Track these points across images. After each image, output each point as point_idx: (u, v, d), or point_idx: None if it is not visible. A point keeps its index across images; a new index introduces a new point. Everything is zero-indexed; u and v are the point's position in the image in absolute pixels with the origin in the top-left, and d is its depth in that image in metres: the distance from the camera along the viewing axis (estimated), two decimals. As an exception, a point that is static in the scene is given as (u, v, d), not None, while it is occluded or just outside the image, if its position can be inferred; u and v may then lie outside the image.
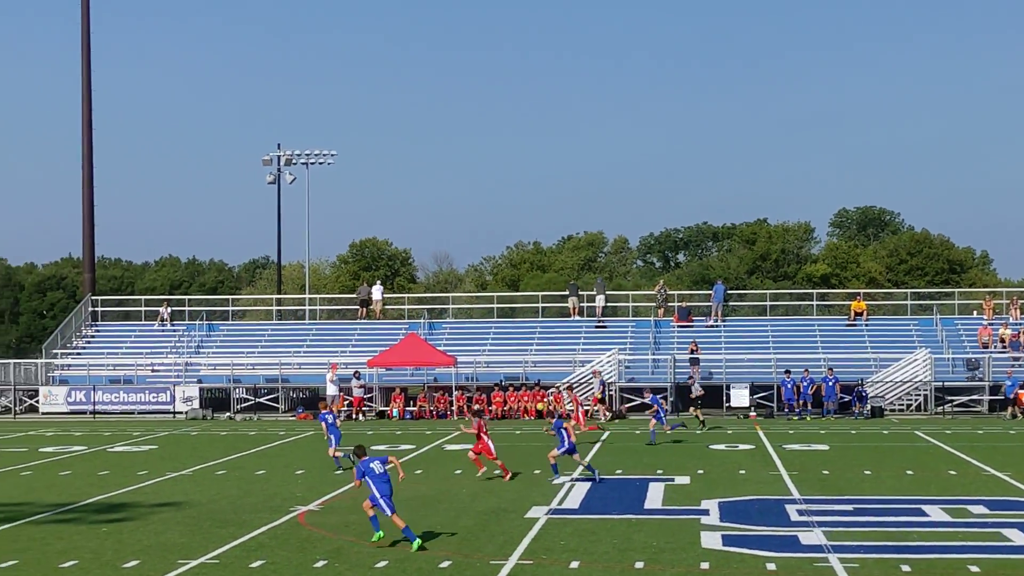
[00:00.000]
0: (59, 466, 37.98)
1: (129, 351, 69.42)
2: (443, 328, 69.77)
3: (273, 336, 70.76)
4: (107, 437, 48.88)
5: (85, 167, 75.50)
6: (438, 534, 23.89)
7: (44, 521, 26.27)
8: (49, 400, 63.80)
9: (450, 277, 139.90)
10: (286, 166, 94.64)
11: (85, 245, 76.83)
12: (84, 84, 75.31)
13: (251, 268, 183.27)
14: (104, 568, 20.82)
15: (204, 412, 61.35)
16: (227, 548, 22.61)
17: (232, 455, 40.99)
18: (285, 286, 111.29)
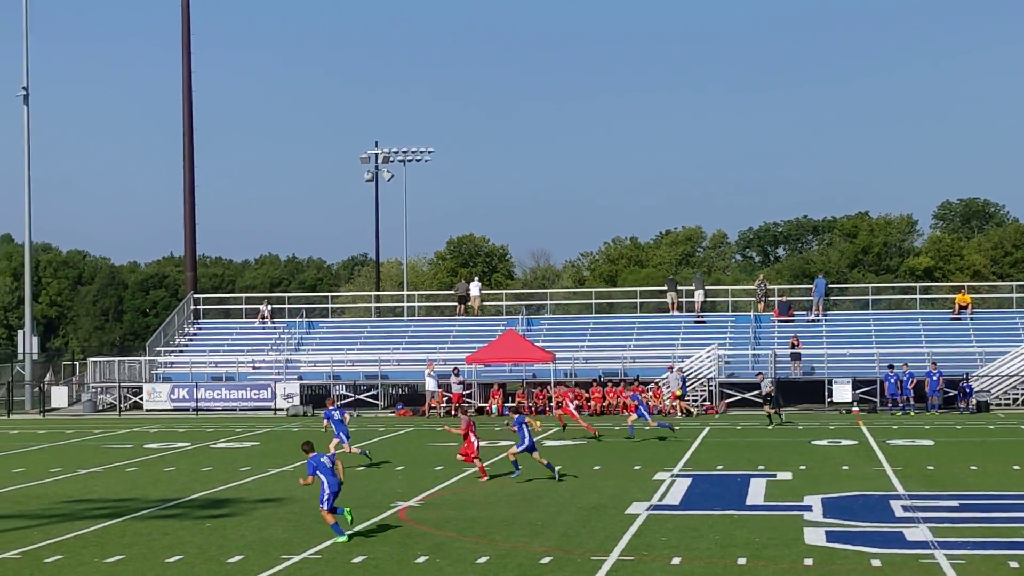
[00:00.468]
0: (163, 462, 38.42)
1: (230, 348, 70.11)
2: (541, 324, 69.73)
3: (372, 333, 71.11)
4: (210, 433, 49.39)
5: (187, 167, 76.37)
6: (539, 530, 23.84)
7: (149, 516, 26.57)
8: (153, 397, 64.61)
9: (547, 273, 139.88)
10: (384, 164, 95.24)
11: (187, 244, 77.73)
12: (185, 85, 76.17)
13: (349, 265, 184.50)
14: (209, 563, 21.00)
15: (305, 409, 61.81)
16: (329, 544, 22.70)
17: (333, 452, 41.15)
18: (383, 283, 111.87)
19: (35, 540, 23.50)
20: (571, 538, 22.97)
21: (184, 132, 76.29)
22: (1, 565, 21.05)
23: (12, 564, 21.19)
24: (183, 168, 76.49)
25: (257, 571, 20.24)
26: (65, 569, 20.66)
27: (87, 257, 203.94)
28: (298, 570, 20.39)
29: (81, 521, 25.91)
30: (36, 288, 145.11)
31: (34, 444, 46.20)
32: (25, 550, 22.45)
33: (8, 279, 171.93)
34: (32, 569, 20.71)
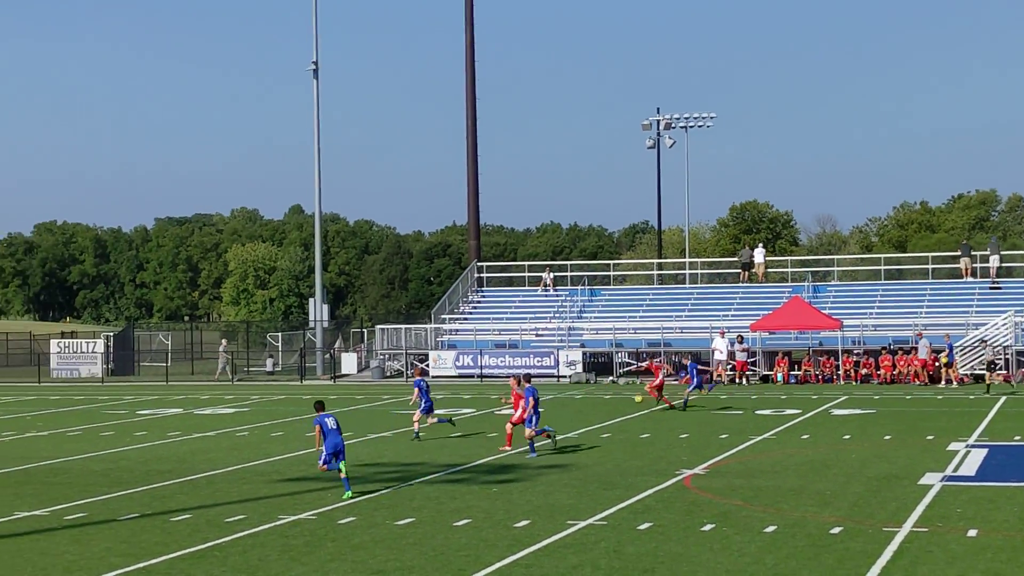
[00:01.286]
0: (446, 427, 38.95)
1: (513, 316, 70.80)
2: (827, 291, 68.30)
3: (654, 300, 70.85)
4: (494, 400, 49.90)
5: (469, 137, 77.37)
6: (828, 499, 23.27)
7: (437, 481, 26.94)
8: (439, 364, 65.77)
9: (833, 239, 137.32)
10: (665, 130, 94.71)
11: (470, 213, 78.80)
12: (468, 55, 77.11)
13: (631, 233, 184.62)
14: (496, 527, 21.14)
15: (587, 376, 61.98)
16: (614, 510, 22.61)
17: (616, 418, 41.17)
18: (665, 250, 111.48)
19: (329, 502, 24.08)
20: (861, 508, 22.35)
21: (467, 102, 77.28)
22: (297, 526, 21.62)
23: (308, 524, 21.74)
24: (466, 138, 77.52)
25: (544, 536, 20.27)
26: (358, 530, 21.08)
27: (374, 227, 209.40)
28: (584, 535, 20.34)
29: (372, 484, 26.45)
30: (325, 258, 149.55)
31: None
32: (320, 511, 23.02)
33: (299, 249, 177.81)
34: (327, 530, 21.21)
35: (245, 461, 31.10)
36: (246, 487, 26.50)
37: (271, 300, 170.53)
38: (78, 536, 21.11)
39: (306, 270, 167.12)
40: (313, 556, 19.12)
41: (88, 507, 24.18)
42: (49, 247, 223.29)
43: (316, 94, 73.95)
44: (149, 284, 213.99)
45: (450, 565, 18.30)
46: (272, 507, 23.66)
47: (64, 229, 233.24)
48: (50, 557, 19.38)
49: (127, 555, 19.40)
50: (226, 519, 22.39)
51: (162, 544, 20.25)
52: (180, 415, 46.03)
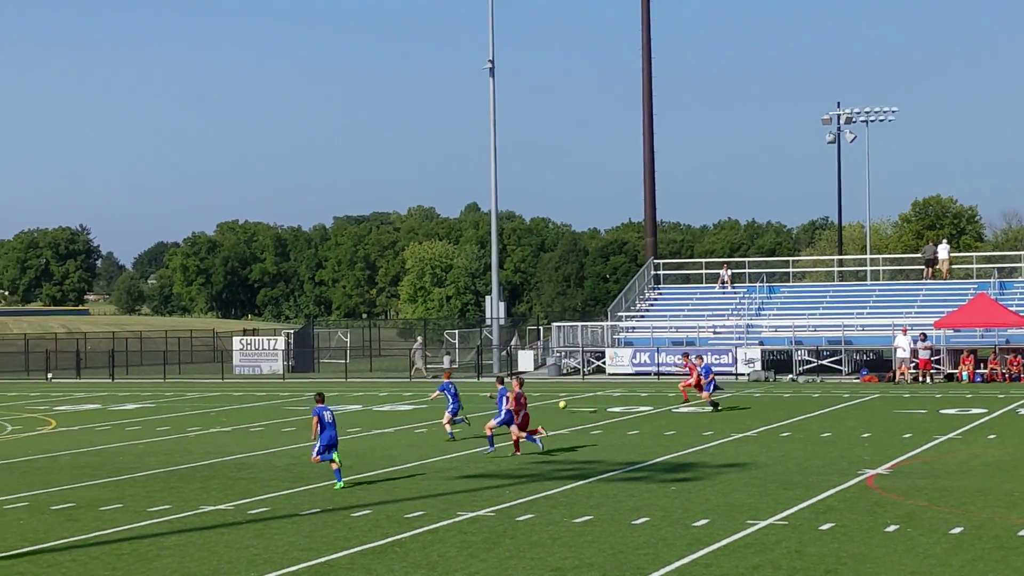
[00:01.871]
0: (627, 425, 38.85)
1: (690, 314, 70.32)
2: (1015, 288, 66.49)
3: (835, 298, 69.76)
4: (671, 398, 49.61)
5: (646, 133, 77.03)
6: (1016, 501, 22.61)
7: (615, 479, 26.82)
8: (615, 361, 65.59)
9: (1020, 235, 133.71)
10: (846, 124, 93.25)
11: (647, 210, 78.46)
12: (644, 50, 76.79)
13: (810, 229, 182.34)
14: (675, 526, 20.96)
15: (766, 374, 61.26)
16: (795, 510, 22.27)
17: (796, 417, 40.62)
18: (845, 247, 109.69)
19: (507, 499, 24.13)
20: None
21: (643, 98, 76.95)
22: (476, 522, 21.70)
23: (487, 521, 21.80)
24: (642, 134, 77.20)
25: (723, 535, 20.04)
26: (536, 528, 21.07)
27: (550, 225, 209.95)
28: (764, 535, 20.05)
29: (550, 481, 26.45)
30: (502, 255, 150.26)
31: (503, 406, 47.61)
32: (498, 508, 23.07)
33: (475, 247, 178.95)
34: (505, 527, 21.24)
35: (423, 458, 31.35)
36: (425, 483, 26.70)
37: (448, 298, 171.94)
38: (262, 530, 21.46)
39: (482, 268, 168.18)
40: (491, 553, 19.15)
41: (271, 502, 24.58)
42: (231, 246, 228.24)
43: (492, 92, 74.30)
44: (328, 282, 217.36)
45: (629, 563, 18.18)
46: (451, 503, 23.79)
47: (246, 228, 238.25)
48: (235, 550, 19.73)
49: (309, 549, 19.66)
50: (405, 515, 22.57)
51: (343, 539, 20.47)
52: (359, 412, 46.60)
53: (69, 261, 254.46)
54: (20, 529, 22.09)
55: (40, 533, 21.64)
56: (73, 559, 19.37)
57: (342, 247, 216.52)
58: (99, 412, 48.28)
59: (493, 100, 74.34)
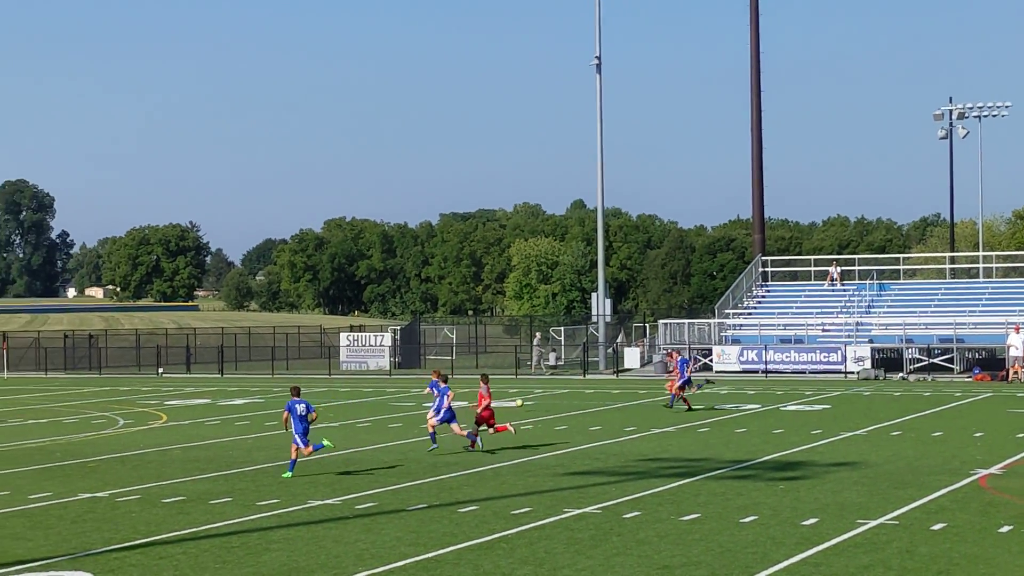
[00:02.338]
0: (734, 423, 38.56)
1: (799, 311, 69.68)
2: None
3: (946, 295, 68.76)
4: (779, 396, 49.22)
5: (754, 130, 76.44)
6: None
7: (723, 477, 26.62)
8: (722, 359, 65.15)
9: None
10: (958, 120, 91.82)
11: (754, 207, 77.85)
12: (752, 48, 76.17)
13: (920, 226, 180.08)
14: (784, 525, 20.75)
15: (876, 372, 60.50)
16: (906, 509, 21.95)
17: (906, 416, 40.08)
18: (957, 244, 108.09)
19: (613, 496, 24.04)
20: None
21: (752, 94, 76.36)
22: (583, 519, 21.63)
23: (593, 518, 21.73)
24: (750, 131, 76.61)
25: (833, 534, 19.80)
26: (643, 525, 20.96)
27: (656, 222, 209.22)
28: (875, 535, 19.78)
29: (657, 479, 26.31)
30: (608, 252, 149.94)
31: (609, 403, 47.57)
32: (605, 505, 23.00)
33: (581, 244, 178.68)
34: (612, 524, 21.15)
35: (529, 454, 31.34)
36: (531, 480, 26.68)
37: (553, 295, 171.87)
38: (369, 525, 21.56)
39: (588, 265, 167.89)
40: (599, 550, 19.08)
41: (378, 497, 24.70)
42: (338, 243, 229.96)
43: (599, 89, 74.09)
44: (434, 279, 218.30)
45: (737, 562, 18.03)
46: (557, 500, 23.75)
47: (353, 225, 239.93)
48: (343, 545, 19.84)
49: (416, 544, 19.72)
50: (512, 511, 22.56)
51: (450, 535, 20.51)
52: (465, 408, 46.69)
53: (179, 258, 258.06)
54: (132, 521, 22.39)
55: (152, 526, 21.92)
56: (184, 551, 19.60)
57: (448, 244, 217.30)
58: (209, 407, 48.87)
59: (600, 96, 74.14)
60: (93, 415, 45.84)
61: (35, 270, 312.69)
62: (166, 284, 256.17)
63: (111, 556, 19.32)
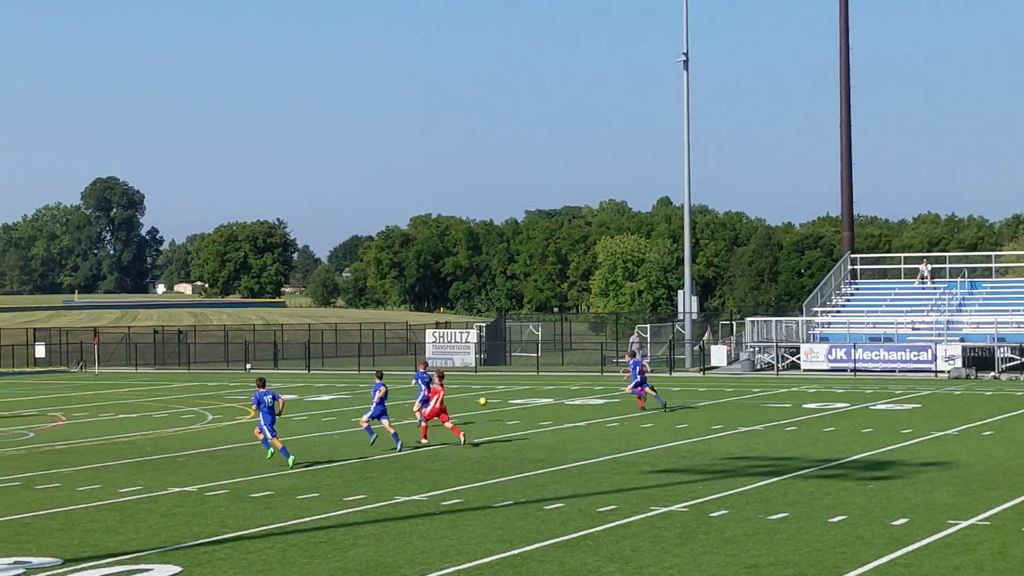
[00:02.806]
0: (823, 422, 38.22)
1: (888, 309, 68.95)
2: None
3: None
4: (868, 395, 48.72)
5: (843, 126, 75.72)
6: None
7: (811, 476, 26.38)
8: (810, 357, 64.59)
9: None
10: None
11: (843, 204, 77.12)
12: (841, 43, 75.47)
13: (1013, 223, 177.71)
14: (873, 524, 20.52)
15: (967, 371, 59.71)
16: (998, 510, 21.65)
17: (998, 415, 39.53)
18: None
19: (701, 494, 23.90)
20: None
21: (841, 89, 75.66)
22: (669, 517, 21.52)
23: (680, 516, 21.61)
24: (839, 127, 75.91)
25: (923, 535, 19.56)
26: (730, 524, 20.81)
27: (743, 219, 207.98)
28: (966, 536, 19.52)
29: (744, 478, 26.13)
30: (694, 249, 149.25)
31: (695, 401, 47.32)
32: (692, 503, 22.87)
33: (667, 241, 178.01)
34: (698, 522, 21.02)
35: (616, 452, 31.24)
36: (617, 477, 26.59)
37: (639, 292, 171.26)
38: (455, 521, 21.58)
39: (674, 262, 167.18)
40: (685, 548, 18.97)
41: (464, 493, 24.72)
42: (424, 240, 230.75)
43: (686, 85, 73.77)
44: (519, 276, 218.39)
45: (825, 562, 17.85)
46: (643, 498, 23.65)
47: (439, 222, 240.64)
48: (430, 541, 19.87)
49: (502, 541, 19.70)
50: (598, 508, 22.49)
51: (536, 531, 20.48)
52: (551, 405, 46.70)
53: (267, 254, 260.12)
54: (221, 516, 22.58)
55: (240, 520, 22.09)
56: (272, 546, 19.72)
57: (534, 241, 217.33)
58: (296, 403, 49.17)
59: (687, 93, 73.81)
60: (182, 410, 46.33)
61: (125, 266, 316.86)
62: (254, 280, 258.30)
63: (200, 550, 19.49)
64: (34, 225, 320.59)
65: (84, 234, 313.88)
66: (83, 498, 24.84)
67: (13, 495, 25.43)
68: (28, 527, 21.78)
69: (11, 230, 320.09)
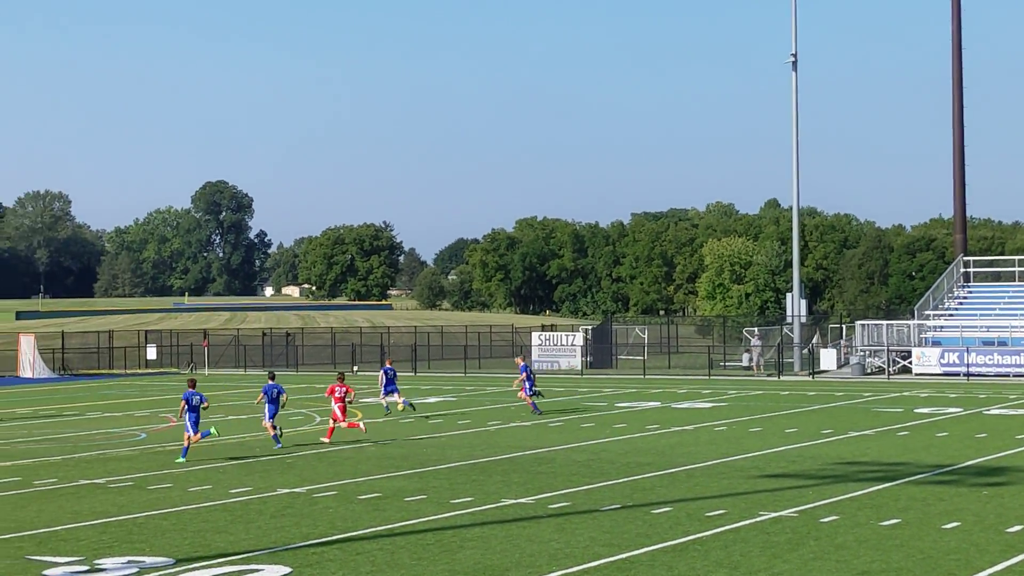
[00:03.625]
0: (935, 427, 37.67)
1: (1002, 313, 67.79)
2: None
3: None
4: (982, 399, 47.93)
5: (956, 127, 74.57)
6: None
7: (923, 482, 25.98)
8: (922, 361, 63.67)
9: None
10: None
11: (956, 205, 75.95)
12: (954, 40, 74.34)
13: None
14: (987, 532, 20.16)
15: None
16: (1120, 520, 21.16)
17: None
18: None
19: (810, 500, 23.63)
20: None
21: (953, 89, 74.52)
22: (779, 522, 21.30)
23: (789, 522, 21.38)
24: (952, 128, 74.76)
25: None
26: (841, 530, 20.54)
27: (853, 221, 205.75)
28: (1086, 546, 19.09)
29: (855, 483, 25.80)
30: (803, 252, 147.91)
31: (804, 405, 46.86)
32: (802, 508, 22.61)
33: (775, 243, 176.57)
34: (808, 528, 20.78)
35: (724, 456, 31.00)
36: (725, 482, 26.38)
37: (747, 295, 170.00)
38: (562, 524, 21.51)
39: (783, 265, 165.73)
40: (795, 554, 18.75)
41: (571, 496, 24.65)
42: (529, 242, 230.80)
43: (794, 86, 73.06)
44: (625, 278, 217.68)
45: (938, 569, 17.57)
46: (752, 503, 23.42)
47: (544, 224, 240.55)
48: (537, 544, 19.82)
49: (610, 545, 19.61)
50: (706, 513, 22.32)
51: (644, 536, 20.36)
52: (658, 408, 46.46)
53: (373, 257, 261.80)
54: (330, 517, 22.71)
55: (349, 521, 22.20)
56: (380, 547, 19.79)
57: (640, 243, 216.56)
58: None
59: (795, 94, 73.10)
60: (290, 412, 46.71)
61: (234, 269, 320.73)
62: (360, 283, 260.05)
63: (309, 551, 19.61)
64: (145, 229, 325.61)
65: (194, 237, 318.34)
66: (194, 498, 25.13)
67: (126, 495, 25.79)
68: (141, 527, 22.06)
69: (123, 234, 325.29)
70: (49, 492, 26.37)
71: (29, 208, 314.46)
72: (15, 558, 19.45)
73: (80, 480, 28.05)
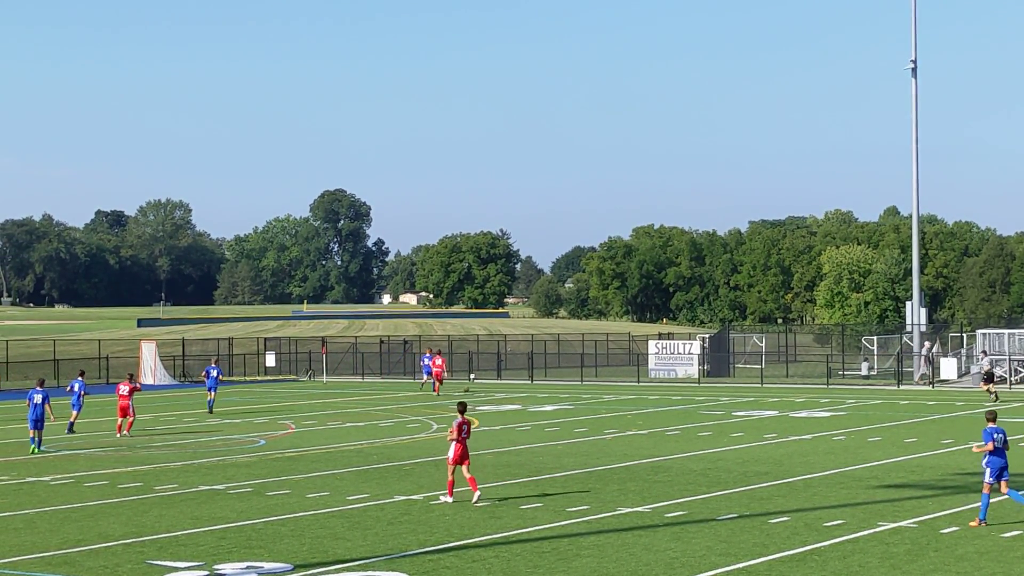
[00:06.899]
0: None
1: None
2: None
3: None
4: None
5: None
6: None
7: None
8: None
9: None
10: None
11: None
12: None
13: None
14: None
15: None
16: None
17: None
18: None
19: (930, 510, 23.36)
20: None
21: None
22: (898, 533, 21.08)
23: (909, 532, 21.15)
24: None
25: None
26: (962, 541, 20.32)
27: (974, 229, 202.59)
28: None
29: (976, 494, 25.17)
30: (923, 260, 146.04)
31: (924, 415, 46.24)
32: (921, 519, 22.38)
33: (895, 251, 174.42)
34: (929, 539, 20.56)
35: (842, 465, 30.71)
36: (844, 492, 26.13)
37: (866, 303, 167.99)
38: (679, 533, 21.47)
39: (902, 273, 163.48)
40: (915, 565, 18.55)
41: (688, 505, 24.58)
42: (646, 250, 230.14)
43: (914, 93, 72.13)
44: (742, 286, 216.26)
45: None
46: (871, 513, 23.19)
47: (661, 233, 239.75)
48: (653, 553, 19.81)
49: (727, 554, 19.54)
50: (824, 523, 22.14)
51: (761, 545, 20.25)
52: (775, 417, 46.12)
53: (490, 265, 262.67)
54: (447, 524, 22.86)
55: (465, 529, 22.34)
56: (496, 555, 19.89)
57: (757, 251, 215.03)
58: (519, 413, 49.51)
59: (915, 100, 72.17)
60: (407, 419, 47.05)
61: (352, 277, 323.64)
62: (477, 291, 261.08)
63: (426, 558, 19.77)
64: (265, 237, 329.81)
65: (312, 245, 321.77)
66: (312, 505, 25.43)
67: (245, 501, 26.16)
68: (260, 533, 22.38)
69: (243, 242, 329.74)
70: (169, 498, 26.83)
71: (151, 217, 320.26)
72: (137, 563, 19.84)
73: (200, 486, 28.50)
